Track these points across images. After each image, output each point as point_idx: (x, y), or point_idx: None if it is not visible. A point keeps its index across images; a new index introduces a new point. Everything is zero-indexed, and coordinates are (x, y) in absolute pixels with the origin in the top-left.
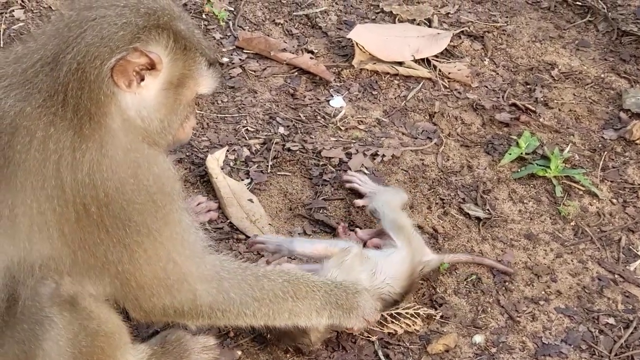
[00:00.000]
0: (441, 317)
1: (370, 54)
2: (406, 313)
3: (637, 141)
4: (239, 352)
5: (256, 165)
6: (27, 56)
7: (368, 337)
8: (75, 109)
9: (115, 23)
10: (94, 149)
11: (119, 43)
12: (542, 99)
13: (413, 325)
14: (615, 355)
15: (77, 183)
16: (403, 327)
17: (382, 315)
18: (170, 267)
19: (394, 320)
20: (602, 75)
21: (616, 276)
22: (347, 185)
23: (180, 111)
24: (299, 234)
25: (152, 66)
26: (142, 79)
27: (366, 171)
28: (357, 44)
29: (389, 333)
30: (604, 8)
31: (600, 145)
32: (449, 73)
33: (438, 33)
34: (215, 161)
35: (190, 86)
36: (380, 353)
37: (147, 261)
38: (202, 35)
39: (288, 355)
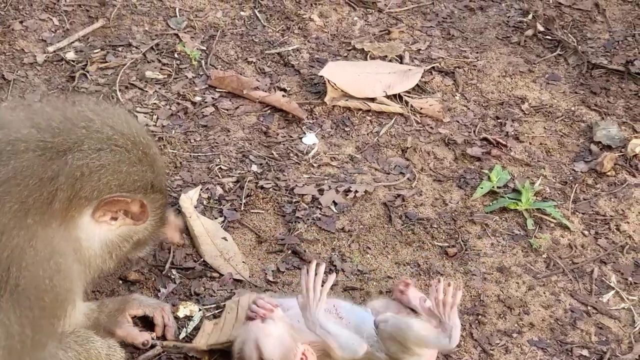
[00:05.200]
0: None
1: (342, 90)
2: None
3: (608, 173)
4: None
5: (229, 203)
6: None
7: None
8: (41, 199)
9: (133, 164)
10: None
11: (130, 186)
12: (512, 132)
13: None
14: None
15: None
16: None
17: None
18: None
19: None
20: (573, 109)
21: (589, 308)
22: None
23: (118, 259)
24: (272, 271)
25: (134, 218)
26: (115, 219)
27: (335, 209)
28: (329, 81)
29: None
30: (573, 42)
31: (571, 178)
32: (421, 108)
33: (409, 69)
34: (188, 200)
35: (140, 245)
36: None
37: None
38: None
39: None
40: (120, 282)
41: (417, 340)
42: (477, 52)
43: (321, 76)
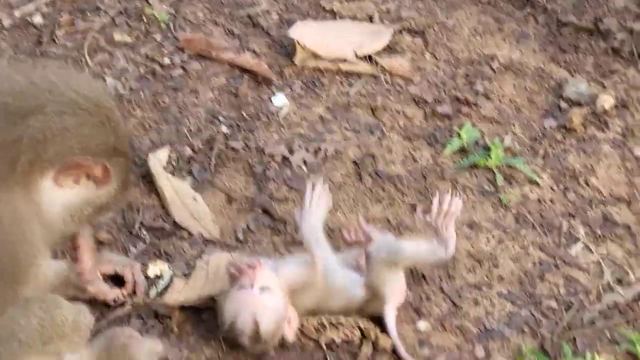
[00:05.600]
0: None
1: (311, 51)
2: (346, 321)
3: (577, 129)
4: (186, 351)
5: (199, 164)
6: None
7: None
8: (3, 163)
9: (96, 128)
10: None
11: (93, 150)
12: (482, 91)
13: (351, 334)
14: (557, 337)
15: None
16: (342, 336)
17: (320, 321)
18: None
19: (331, 328)
20: (542, 66)
21: (557, 260)
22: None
23: (80, 222)
24: (242, 229)
25: (99, 182)
26: (78, 183)
27: (305, 168)
28: (298, 42)
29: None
30: (542, 0)
31: (540, 134)
32: (391, 68)
33: (379, 29)
34: (157, 161)
35: (103, 208)
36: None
37: None
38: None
39: (233, 352)
40: None
41: (414, 256)
42: (447, 12)
43: (291, 37)
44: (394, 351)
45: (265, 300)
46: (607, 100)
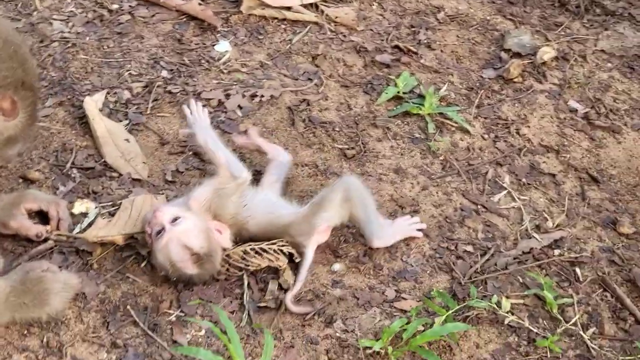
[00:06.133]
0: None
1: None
2: (269, 248)
3: (515, 79)
4: (103, 286)
5: (136, 107)
6: None
7: (234, 272)
8: None
9: (4, 61)
10: None
11: (2, 83)
12: (425, 41)
13: (276, 260)
14: (470, 278)
15: None
16: (266, 262)
17: (244, 249)
18: None
19: (256, 255)
20: (488, 18)
21: (479, 207)
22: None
23: None
24: (171, 171)
25: (5, 114)
26: None
27: (240, 112)
28: None
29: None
30: None
31: (478, 84)
32: (336, 17)
33: None
34: (93, 103)
35: (11, 142)
36: (245, 281)
37: None
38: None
39: (149, 286)
40: (20, 180)
41: (361, 212)
42: None
43: None
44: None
45: (181, 226)
46: (547, 52)
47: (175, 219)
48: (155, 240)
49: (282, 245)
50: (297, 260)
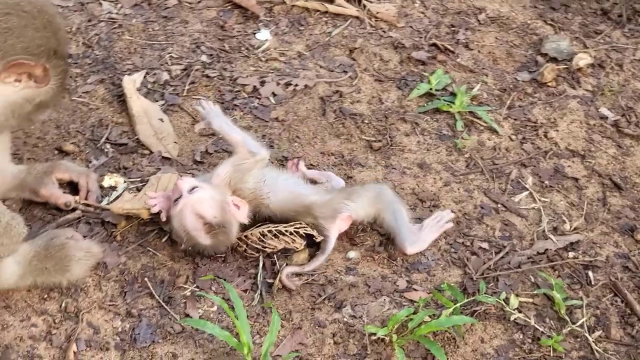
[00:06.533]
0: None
1: None
2: (286, 231)
3: (549, 84)
4: (124, 257)
5: (173, 88)
6: None
7: (252, 253)
8: None
9: (38, 30)
10: None
11: (34, 50)
12: (463, 40)
13: (292, 243)
14: (482, 274)
15: None
16: (282, 244)
17: (262, 231)
18: None
19: (273, 237)
20: (529, 22)
21: (499, 205)
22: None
23: (20, 118)
24: (200, 152)
25: (37, 81)
26: (19, 81)
27: (273, 100)
28: None
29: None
30: None
31: (511, 86)
32: (377, 13)
33: None
34: (132, 82)
35: (41, 107)
36: (261, 262)
37: None
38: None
39: (168, 261)
40: (56, 152)
41: (391, 218)
42: None
43: None
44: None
45: (197, 195)
46: (583, 59)
47: (193, 189)
48: (173, 207)
49: (299, 227)
50: (317, 240)
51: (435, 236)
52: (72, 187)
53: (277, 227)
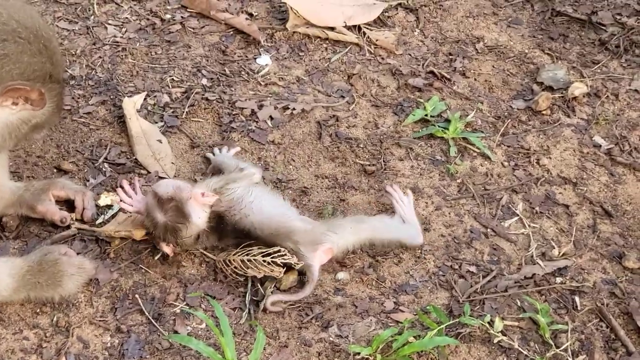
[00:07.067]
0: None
1: (304, 18)
2: (264, 260)
3: (544, 112)
4: (116, 274)
5: (172, 110)
6: None
7: (235, 277)
8: None
9: (34, 56)
10: None
11: (30, 76)
12: (460, 68)
13: (271, 272)
14: (468, 297)
15: None
16: (262, 273)
17: (242, 259)
18: None
19: (252, 267)
20: (526, 51)
21: (488, 230)
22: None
23: (17, 139)
24: (198, 173)
25: (33, 104)
26: (16, 104)
27: (270, 123)
28: (291, 8)
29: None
30: None
31: (506, 114)
32: (377, 40)
33: (374, 3)
34: (132, 103)
35: (37, 128)
36: (250, 281)
37: None
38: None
39: (160, 279)
40: (55, 170)
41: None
42: None
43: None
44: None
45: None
46: (579, 88)
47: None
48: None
49: (277, 256)
50: (296, 267)
51: (413, 211)
52: (69, 205)
53: (255, 257)
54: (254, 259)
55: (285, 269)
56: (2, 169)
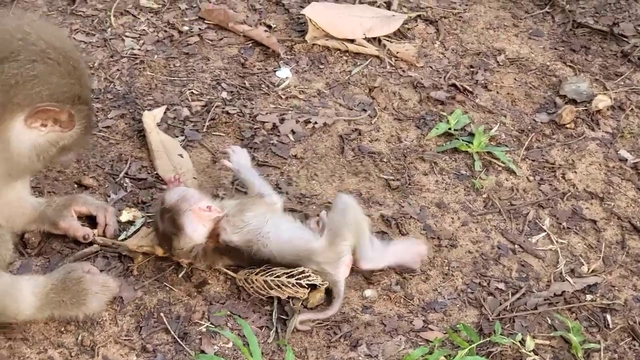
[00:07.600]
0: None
1: (323, 30)
2: (288, 282)
3: (568, 125)
4: (140, 292)
5: (193, 124)
6: None
7: (258, 296)
8: None
9: (63, 77)
10: None
11: (60, 97)
12: (482, 81)
13: (296, 293)
14: (498, 315)
15: None
16: (286, 294)
17: (265, 280)
18: None
19: (276, 287)
20: (548, 63)
21: (516, 246)
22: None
23: (45, 161)
24: (219, 187)
25: (62, 126)
26: (45, 126)
27: (292, 137)
28: (310, 20)
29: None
30: (563, 0)
31: (529, 127)
32: (397, 52)
33: (393, 15)
34: (152, 117)
35: (66, 150)
36: (276, 299)
37: None
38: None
39: (184, 297)
40: (75, 185)
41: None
42: (466, 5)
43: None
44: None
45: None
46: (602, 101)
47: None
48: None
49: (302, 277)
50: (321, 288)
51: (395, 262)
52: (91, 221)
53: (279, 276)
54: (277, 280)
55: (309, 289)
56: (24, 185)
